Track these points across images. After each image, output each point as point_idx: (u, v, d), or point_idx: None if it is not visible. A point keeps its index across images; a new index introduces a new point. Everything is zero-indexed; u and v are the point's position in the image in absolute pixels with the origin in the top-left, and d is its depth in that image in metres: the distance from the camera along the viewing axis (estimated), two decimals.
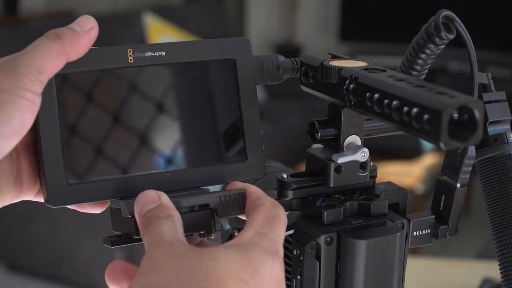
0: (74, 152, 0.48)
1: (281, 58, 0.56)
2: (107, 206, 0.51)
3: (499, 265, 0.55)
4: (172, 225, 0.44)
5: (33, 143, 0.48)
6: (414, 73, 0.53)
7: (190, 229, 0.48)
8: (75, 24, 0.47)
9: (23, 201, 0.49)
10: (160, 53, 0.51)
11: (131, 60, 0.50)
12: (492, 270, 1.23)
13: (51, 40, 0.45)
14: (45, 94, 0.46)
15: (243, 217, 0.49)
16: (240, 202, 0.48)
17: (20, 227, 2.48)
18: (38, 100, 0.45)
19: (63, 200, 0.48)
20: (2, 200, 0.48)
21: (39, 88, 0.44)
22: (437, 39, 0.51)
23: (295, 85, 0.57)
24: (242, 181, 0.51)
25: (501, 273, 0.55)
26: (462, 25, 0.50)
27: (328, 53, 0.55)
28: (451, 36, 0.50)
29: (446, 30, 0.50)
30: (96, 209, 0.51)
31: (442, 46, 0.51)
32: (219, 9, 3.55)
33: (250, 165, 0.53)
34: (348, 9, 3.82)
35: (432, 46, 0.51)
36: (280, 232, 0.44)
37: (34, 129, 0.47)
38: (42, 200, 0.49)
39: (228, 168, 0.53)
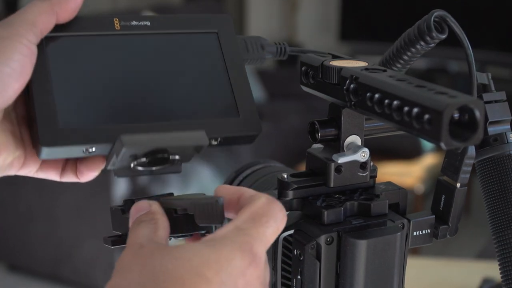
0: (65, 100, 0.49)
1: (265, 40, 0.57)
2: (99, 169, 0.51)
3: (499, 265, 0.55)
4: (153, 227, 0.43)
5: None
6: (394, 68, 0.53)
7: (190, 229, 0.48)
8: None
9: (23, 200, 0.49)
10: (144, 23, 0.54)
11: (117, 27, 0.53)
12: (492, 270, 1.23)
13: (41, 1, 0.49)
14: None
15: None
16: (215, 210, 0.45)
17: (20, 227, 2.48)
18: (34, 48, 0.48)
19: (55, 141, 0.47)
20: (7, 161, 0.49)
21: (33, 37, 0.48)
22: (428, 38, 0.51)
23: (295, 85, 0.57)
24: (237, 135, 0.51)
25: (501, 273, 0.55)
26: (457, 24, 0.50)
27: (329, 53, 0.55)
28: (442, 36, 0.51)
29: (438, 30, 0.50)
30: (91, 169, 0.51)
31: (432, 45, 0.52)
32: (219, 9, 3.56)
33: (243, 120, 0.53)
34: (348, 9, 3.82)
35: (422, 43, 0.51)
36: (265, 230, 0.41)
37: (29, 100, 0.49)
38: (47, 174, 0.51)
39: (221, 121, 0.52)
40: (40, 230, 2.43)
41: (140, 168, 0.48)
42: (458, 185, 0.53)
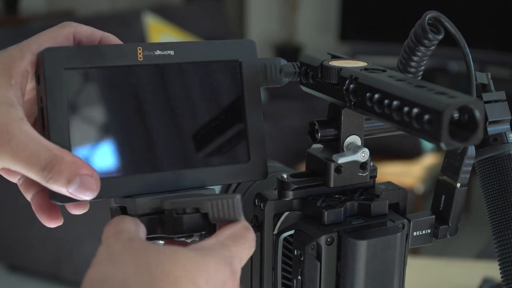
0: (79, 148, 0.48)
1: (283, 61, 0.56)
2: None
3: (499, 265, 0.55)
4: (135, 224, 0.45)
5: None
6: (409, 75, 0.53)
7: (190, 230, 0.48)
8: None
9: (23, 200, 0.49)
10: (168, 52, 0.52)
11: (140, 58, 0.51)
12: (492, 270, 1.23)
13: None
14: (55, 86, 0.47)
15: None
16: (232, 207, 0.47)
17: (20, 227, 2.48)
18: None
19: (66, 198, 0.49)
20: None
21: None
22: (425, 41, 0.51)
23: (294, 86, 0.57)
24: (243, 181, 0.52)
25: (501, 273, 0.55)
26: (452, 24, 0.50)
27: (328, 53, 0.55)
28: (439, 37, 0.51)
29: (433, 31, 0.50)
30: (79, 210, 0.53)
31: (433, 47, 0.52)
32: (219, 9, 3.55)
33: (252, 166, 0.53)
34: (348, 9, 3.82)
35: (422, 48, 0.51)
36: (242, 250, 0.45)
37: None
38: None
39: (231, 168, 0.53)
40: (40, 230, 2.43)
41: None
42: (458, 185, 0.53)
